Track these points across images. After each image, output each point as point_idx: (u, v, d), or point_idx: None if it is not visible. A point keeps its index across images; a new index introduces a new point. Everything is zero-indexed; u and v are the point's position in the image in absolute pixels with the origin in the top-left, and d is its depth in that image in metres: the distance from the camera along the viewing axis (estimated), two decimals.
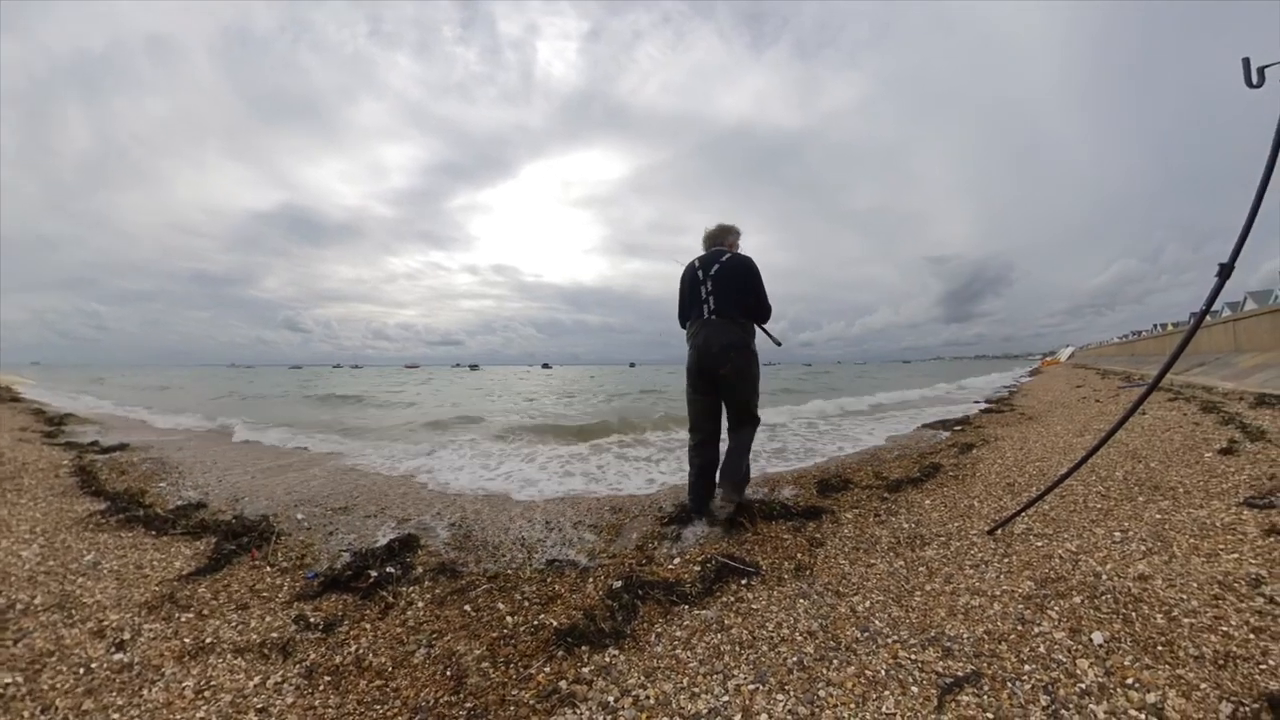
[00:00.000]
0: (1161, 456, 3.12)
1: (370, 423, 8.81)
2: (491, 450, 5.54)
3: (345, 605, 1.92)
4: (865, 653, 1.42)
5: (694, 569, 2.11)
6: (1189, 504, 2.27)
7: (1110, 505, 2.39)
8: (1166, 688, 1.17)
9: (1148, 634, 1.37)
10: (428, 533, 2.75)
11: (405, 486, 3.91)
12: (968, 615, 1.57)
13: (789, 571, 2.04)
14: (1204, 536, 1.90)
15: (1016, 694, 1.20)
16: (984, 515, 2.51)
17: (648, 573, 2.10)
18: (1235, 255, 1.50)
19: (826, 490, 3.28)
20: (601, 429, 7.11)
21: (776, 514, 2.72)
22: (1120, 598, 1.55)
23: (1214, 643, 1.30)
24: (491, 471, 4.51)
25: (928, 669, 1.32)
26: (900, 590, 1.79)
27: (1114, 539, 1.99)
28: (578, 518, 2.99)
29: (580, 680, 1.39)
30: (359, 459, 5.06)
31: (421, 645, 1.63)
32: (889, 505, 2.85)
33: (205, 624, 1.77)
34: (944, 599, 1.69)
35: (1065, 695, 1.18)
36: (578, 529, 2.77)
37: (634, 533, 2.68)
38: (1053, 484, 2.13)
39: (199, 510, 3.13)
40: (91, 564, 2.25)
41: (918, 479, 3.39)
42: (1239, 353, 10.03)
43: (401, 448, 5.78)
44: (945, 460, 3.99)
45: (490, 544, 2.57)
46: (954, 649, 1.40)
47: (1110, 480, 2.75)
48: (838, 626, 1.58)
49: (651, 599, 1.84)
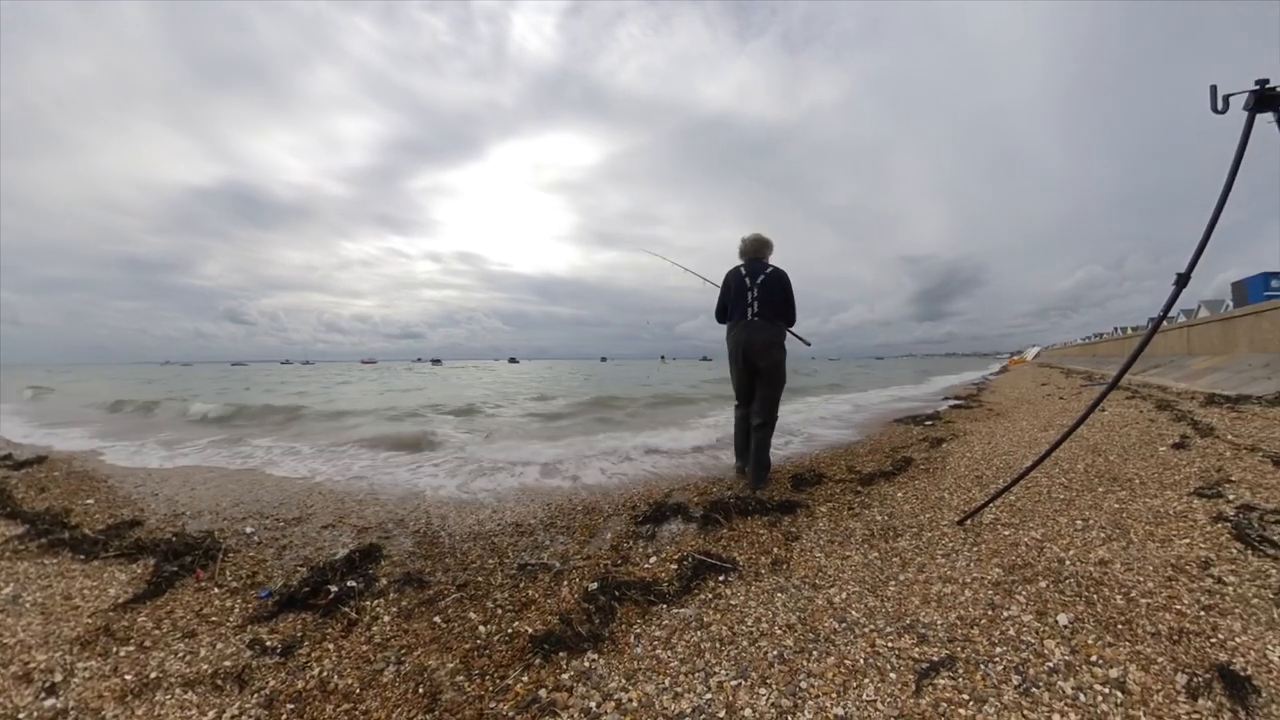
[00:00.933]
0: (1120, 451, 3.40)
1: (324, 425, 8.53)
2: (457, 452, 5.45)
3: (304, 625, 1.87)
4: (844, 643, 1.49)
5: (671, 567, 2.15)
6: (1145, 494, 2.49)
7: (1072, 496, 2.58)
8: (1127, 663, 1.28)
9: (1109, 614, 1.50)
10: (391, 541, 2.70)
11: (364, 493, 3.82)
12: (941, 602, 1.67)
13: (766, 566, 2.11)
14: (1158, 524, 2.10)
15: (990, 675, 1.28)
16: (954, 507, 2.66)
17: (624, 573, 2.12)
18: (1192, 266, 1.68)
19: (801, 485, 3.39)
20: (572, 428, 7.09)
21: (752, 509, 2.79)
22: (1083, 581, 1.70)
23: (1169, 620, 1.44)
24: (458, 474, 4.45)
25: (905, 655, 1.40)
26: (875, 581, 1.88)
27: (1076, 527, 2.17)
28: (549, 519, 2.98)
29: (560, 687, 1.40)
30: (312, 464, 4.91)
31: (390, 662, 1.60)
32: (862, 498, 2.98)
33: (148, 657, 1.68)
34: (918, 588, 1.79)
35: (1035, 674, 1.27)
36: (549, 531, 2.77)
37: (608, 533, 2.70)
38: (1018, 476, 2.29)
39: (134, 529, 2.98)
40: (11, 598, 2.09)
41: (890, 472, 3.55)
42: (1191, 356, 11.00)
43: (360, 451, 5.63)
44: (916, 454, 4.18)
45: (458, 550, 2.54)
46: (929, 635, 1.48)
47: (1072, 472, 2.98)
48: (816, 618, 1.64)
49: (629, 600, 1.87)
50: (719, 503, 2.89)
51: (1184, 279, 1.69)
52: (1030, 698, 1.19)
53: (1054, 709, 1.15)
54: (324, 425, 8.46)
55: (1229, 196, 1.62)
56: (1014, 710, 1.16)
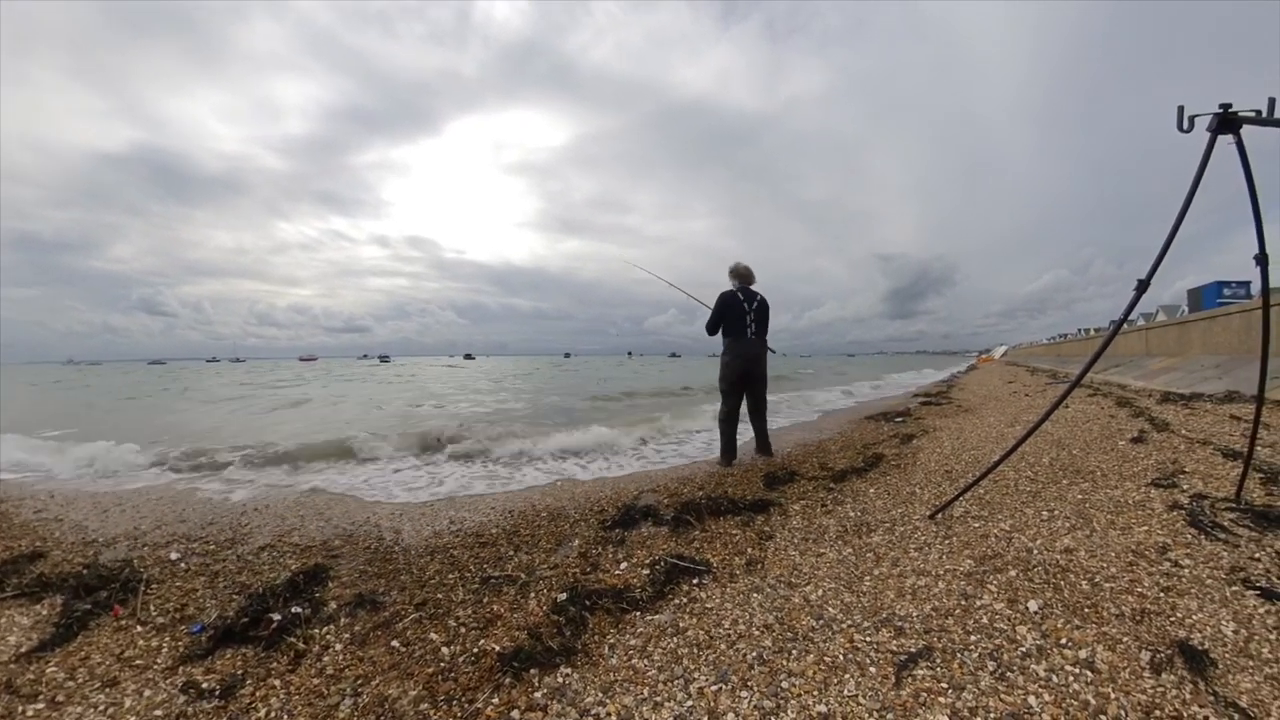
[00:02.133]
0: (1082, 445, 3.70)
1: (251, 429, 8.13)
2: (410, 459, 5.32)
3: (245, 660, 1.77)
4: (822, 640, 1.54)
5: (643, 572, 2.17)
6: (1106, 485, 2.71)
7: (1038, 488, 2.78)
8: (1095, 644, 1.39)
9: (1075, 599, 1.62)
10: (339, 560, 2.61)
11: (307, 508, 3.67)
12: (915, 595, 1.75)
13: (740, 567, 2.15)
14: (1119, 513, 2.29)
15: (966, 663, 1.36)
16: (925, 501, 2.80)
17: (594, 581, 2.13)
18: (1151, 273, 1.86)
19: (773, 483, 3.51)
20: (534, 431, 7.04)
21: (724, 509, 2.85)
22: (1050, 569, 1.82)
23: (1131, 602, 1.57)
24: (411, 483, 4.34)
25: (883, 649, 1.46)
26: (851, 577, 1.95)
27: (1042, 518, 2.33)
28: (512, 528, 2.95)
29: (533, 707, 1.39)
30: (243, 476, 4.68)
31: (346, 695, 1.55)
32: (835, 495, 3.10)
33: (63, 714, 1.54)
34: (892, 582, 1.87)
35: (1009, 659, 1.36)
36: (513, 541, 2.74)
37: (575, 539, 2.69)
38: (987, 470, 2.44)
39: (35, 562, 2.76)
40: None
41: (862, 469, 3.72)
42: (1150, 356, 12.24)
43: (299, 463, 5.40)
44: (887, 450, 4.41)
45: (415, 566, 2.48)
46: (905, 628, 1.55)
47: (1038, 466, 3.21)
48: (793, 617, 1.69)
49: (601, 609, 1.87)
50: (690, 504, 2.93)
51: (1144, 285, 1.87)
52: (1006, 682, 1.27)
53: (1029, 691, 1.23)
54: (254, 432, 8.08)
55: (1189, 210, 1.80)
56: (991, 695, 1.23)
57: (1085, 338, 28.00)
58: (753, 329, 4.41)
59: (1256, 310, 7.71)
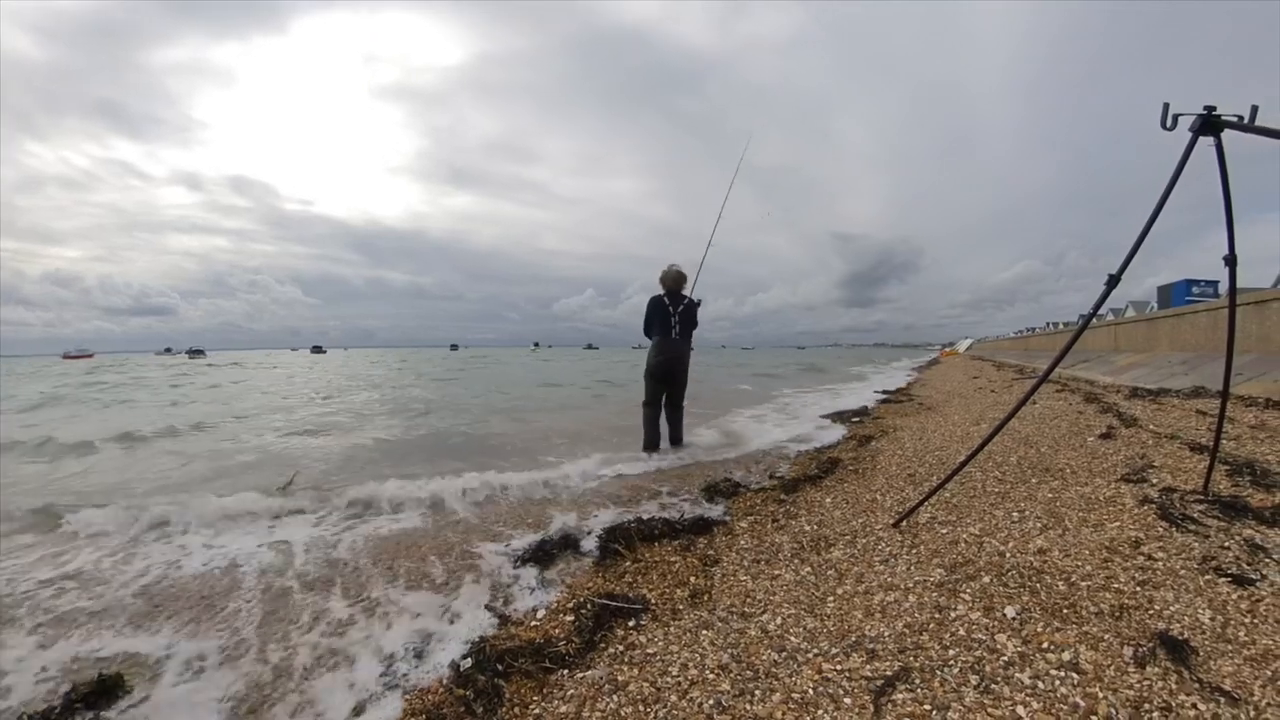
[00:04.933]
0: (1051, 442, 4.17)
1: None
2: (234, 496, 4.90)
3: None
4: (788, 674, 1.60)
5: (566, 620, 2.15)
6: (1076, 482, 3.05)
7: (1007, 488, 3.08)
8: (1077, 644, 1.55)
9: (1053, 601, 1.81)
10: (137, 664, 2.20)
11: (90, 578, 3.28)
12: (885, 612, 1.87)
13: (684, 600, 2.20)
14: (1090, 510, 2.59)
15: (948, 679, 1.47)
16: (887, 508, 3.01)
17: (506, 637, 2.08)
18: (1123, 269, 2.13)
19: (715, 496, 3.65)
20: (407, 450, 6.83)
21: (658, 532, 2.91)
22: (1025, 572, 2.02)
23: (1109, 599, 1.78)
24: (234, 532, 4.01)
25: (856, 676, 1.54)
26: (812, 599, 2.05)
27: (1013, 519, 2.58)
28: (392, 577, 2.81)
29: None
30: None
31: None
32: (787, 508, 3.25)
33: None
34: (859, 600, 1.99)
35: (992, 670, 1.49)
36: (394, 590, 2.61)
37: (475, 585, 2.63)
38: (952, 472, 2.66)
39: None
40: None
41: (816, 476, 3.94)
42: (1118, 352, 14.00)
43: (85, 512, 4.75)
44: (844, 454, 4.71)
45: (255, 648, 2.26)
46: (878, 649, 1.65)
47: (1006, 465, 3.57)
48: (751, 653, 1.74)
49: (518, 671, 1.82)
50: (617, 529, 2.96)
51: (1114, 280, 2.14)
52: (991, 695, 1.39)
53: (1016, 701, 1.36)
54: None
55: (1164, 207, 2.07)
56: (977, 711, 1.34)
57: (1053, 332, 31.53)
58: (677, 330, 5.77)
59: (1223, 309, 8.98)
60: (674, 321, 5.73)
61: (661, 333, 5.77)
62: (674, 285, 5.81)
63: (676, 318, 5.74)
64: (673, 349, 5.76)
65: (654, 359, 5.80)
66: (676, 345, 5.78)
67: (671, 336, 5.75)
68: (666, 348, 5.75)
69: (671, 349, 5.76)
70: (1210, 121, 1.98)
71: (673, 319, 5.73)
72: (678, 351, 5.80)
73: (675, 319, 5.73)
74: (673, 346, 5.76)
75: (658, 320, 5.78)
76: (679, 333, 5.78)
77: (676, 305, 5.75)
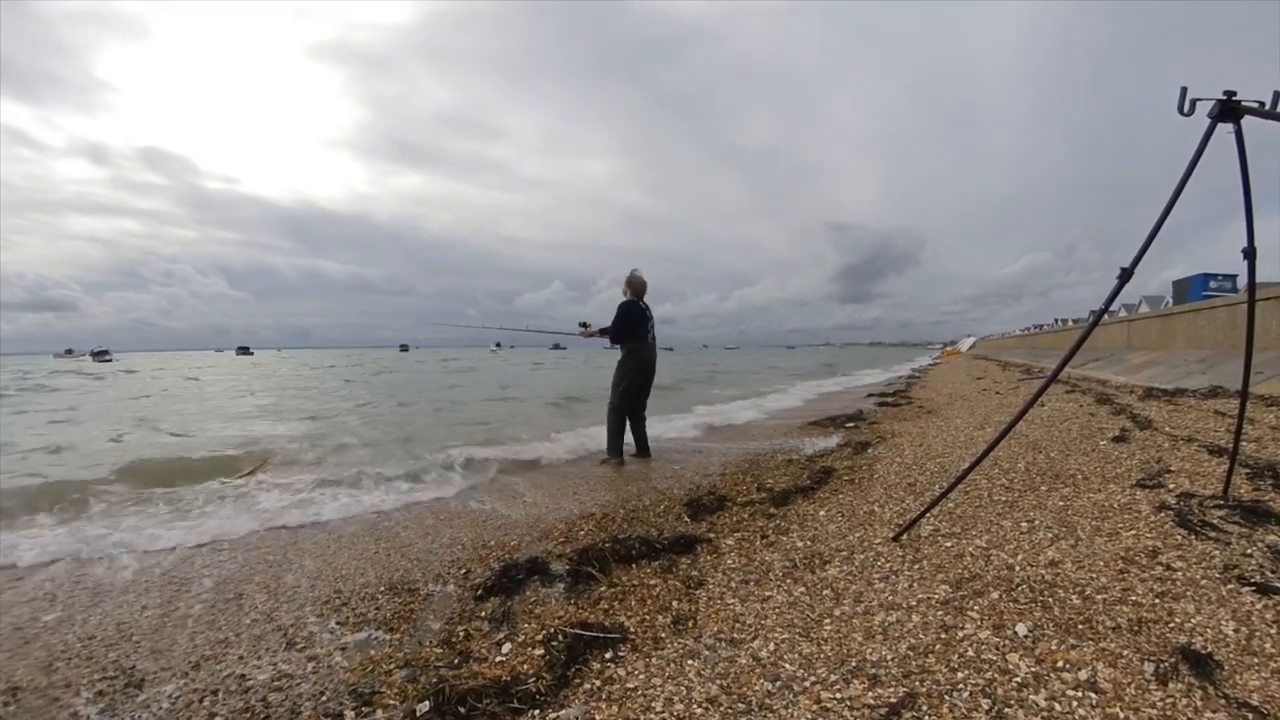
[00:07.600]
0: (1061, 446, 4.28)
1: None
2: (134, 508, 4.77)
3: None
4: (783, 706, 1.61)
5: (535, 654, 2.13)
6: (1088, 489, 3.13)
7: (1014, 497, 3.15)
8: (1095, 662, 1.59)
9: (1067, 616, 1.85)
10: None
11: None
12: (887, 634, 1.90)
13: (666, 627, 2.20)
14: (1104, 518, 2.66)
15: (957, 704, 1.49)
16: (886, 521, 3.05)
17: (467, 676, 2.04)
18: (1136, 262, 2.18)
19: (699, 512, 3.67)
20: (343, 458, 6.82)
21: (636, 553, 2.91)
22: (1036, 586, 2.06)
23: (1126, 612, 1.82)
24: (137, 545, 3.90)
25: (858, 705, 1.56)
26: (807, 622, 2.07)
27: (1021, 529, 2.64)
28: (333, 610, 2.76)
29: None
30: None
31: None
32: (777, 522, 3.29)
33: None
34: (858, 621, 2.02)
35: (1004, 693, 1.51)
36: (339, 629, 2.57)
37: (433, 618, 2.59)
38: (955, 480, 2.70)
39: None
40: None
41: (808, 487, 3.98)
42: (1131, 350, 14.37)
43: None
44: (838, 463, 4.78)
45: (158, 701, 2.19)
46: (881, 675, 1.67)
47: (1013, 472, 3.65)
48: (743, 683, 1.75)
49: (483, 714, 1.80)
50: (590, 550, 2.95)
51: (1127, 273, 2.19)
52: (1004, 719, 1.41)
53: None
54: None
55: (1180, 197, 2.13)
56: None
57: (1062, 329, 32.31)
58: (653, 334, 6.49)
59: (1242, 304, 9.32)
60: (650, 325, 6.43)
61: (640, 338, 6.34)
62: (643, 291, 6.49)
63: (651, 322, 6.46)
64: (651, 354, 6.43)
65: (635, 366, 6.33)
66: (653, 350, 6.48)
67: (649, 340, 6.40)
68: (645, 353, 6.36)
69: (650, 354, 6.42)
70: (1229, 107, 2.05)
71: (649, 323, 6.41)
72: (654, 357, 6.48)
73: (651, 323, 6.44)
74: (651, 351, 6.43)
75: (637, 325, 6.34)
76: (654, 337, 6.50)
77: (649, 310, 6.49)
